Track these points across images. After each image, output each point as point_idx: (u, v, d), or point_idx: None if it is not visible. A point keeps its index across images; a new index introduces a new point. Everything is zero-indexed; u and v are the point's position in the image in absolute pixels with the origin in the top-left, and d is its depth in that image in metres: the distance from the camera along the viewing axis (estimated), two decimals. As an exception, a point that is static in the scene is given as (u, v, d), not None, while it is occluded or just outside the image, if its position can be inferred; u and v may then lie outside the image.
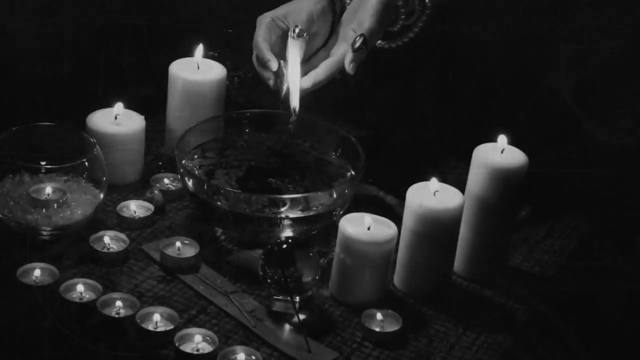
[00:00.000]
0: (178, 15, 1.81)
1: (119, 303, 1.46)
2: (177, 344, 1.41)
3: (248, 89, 1.88)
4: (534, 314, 1.53)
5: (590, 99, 1.49)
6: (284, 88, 1.63)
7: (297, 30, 1.62)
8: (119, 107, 1.70)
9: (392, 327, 1.49)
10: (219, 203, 1.56)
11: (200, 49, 1.77)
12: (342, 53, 1.62)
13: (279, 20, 1.65)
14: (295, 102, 1.62)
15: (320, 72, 1.62)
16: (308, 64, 1.65)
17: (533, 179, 1.57)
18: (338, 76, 1.64)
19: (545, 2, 1.53)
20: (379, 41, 1.68)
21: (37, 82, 1.78)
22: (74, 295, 1.47)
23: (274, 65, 1.62)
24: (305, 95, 1.63)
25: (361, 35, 1.60)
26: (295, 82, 1.62)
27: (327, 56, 1.65)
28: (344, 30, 1.66)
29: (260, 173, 1.63)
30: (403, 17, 1.65)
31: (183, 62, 1.77)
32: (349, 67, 1.60)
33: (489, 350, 1.49)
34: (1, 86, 1.75)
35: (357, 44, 1.59)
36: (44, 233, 1.56)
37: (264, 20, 1.64)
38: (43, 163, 1.59)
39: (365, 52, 1.60)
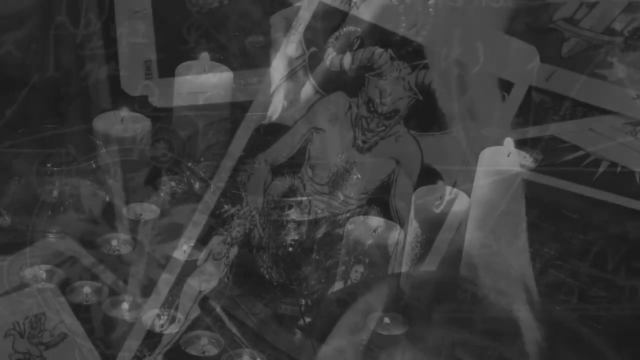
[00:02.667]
0: None
1: (124, 305, 1.46)
2: (182, 347, 1.41)
3: (254, 91, 1.88)
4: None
5: None
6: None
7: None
8: (125, 110, 1.70)
9: (397, 330, 1.49)
10: (224, 206, 1.55)
11: (205, 56, 1.77)
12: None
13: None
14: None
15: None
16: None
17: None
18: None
19: None
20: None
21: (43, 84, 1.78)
22: (80, 298, 1.47)
23: None
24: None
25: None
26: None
27: None
28: None
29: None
30: (404, 25, 1.64)
31: (189, 65, 1.77)
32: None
33: (494, 353, 1.49)
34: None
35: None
36: (50, 235, 1.56)
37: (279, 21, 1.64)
38: (49, 165, 1.59)
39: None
